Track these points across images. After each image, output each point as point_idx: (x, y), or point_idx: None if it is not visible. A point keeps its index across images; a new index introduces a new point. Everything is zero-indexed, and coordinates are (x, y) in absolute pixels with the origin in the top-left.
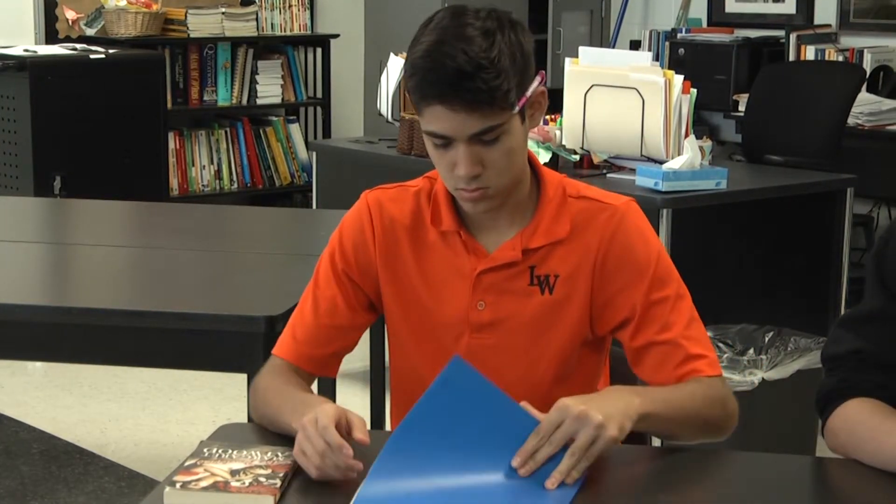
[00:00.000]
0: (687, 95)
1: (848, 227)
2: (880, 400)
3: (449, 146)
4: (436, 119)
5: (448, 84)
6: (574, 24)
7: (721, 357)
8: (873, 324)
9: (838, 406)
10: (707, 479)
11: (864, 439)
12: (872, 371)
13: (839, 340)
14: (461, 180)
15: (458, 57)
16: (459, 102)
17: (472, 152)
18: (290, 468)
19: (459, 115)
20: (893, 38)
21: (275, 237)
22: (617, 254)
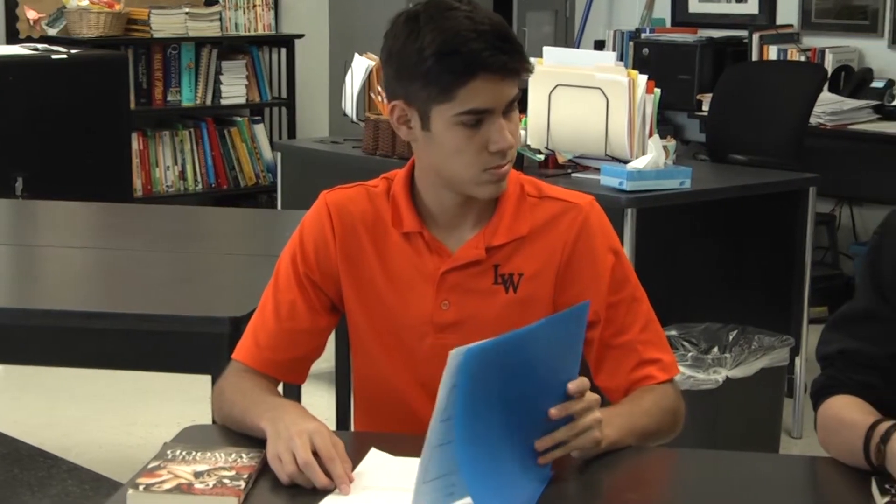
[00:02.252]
0: (651, 95)
1: (810, 226)
2: (865, 399)
3: (480, 124)
4: (475, 94)
5: (495, 48)
6: (538, 23)
7: (686, 356)
8: (862, 324)
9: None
10: (673, 477)
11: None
12: (858, 370)
13: (829, 340)
14: (497, 156)
15: (486, 23)
16: (504, 68)
17: (506, 123)
18: (255, 470)
19: (499, 83)
20: (855, 39)
21: (239, 238)
22: (581, 253)
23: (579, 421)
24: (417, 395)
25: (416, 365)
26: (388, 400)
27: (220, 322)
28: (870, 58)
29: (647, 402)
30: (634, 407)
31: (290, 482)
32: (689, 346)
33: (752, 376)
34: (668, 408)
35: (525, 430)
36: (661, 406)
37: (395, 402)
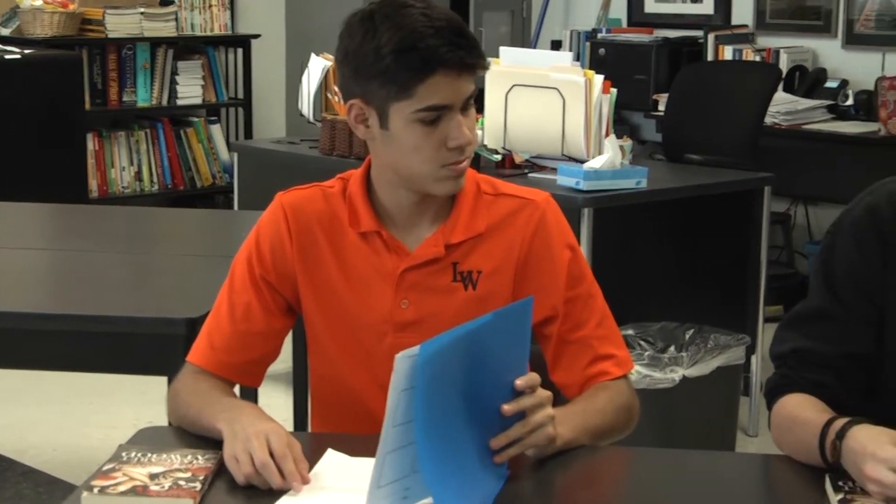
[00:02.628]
0: (607, 95)
1: (766, 225)
2: (819, 398)
3: (439, 121)
4: (434, 90)
5: (451, 44)
6: (495, 24)
7: (642, 355)
8: (815, 323)
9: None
10: (628, 476)
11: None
12: (812, 369)
13: (783, 339)
14: (456, 152)
15: (442, 20)
16: (461, 65)
17: (464, 120)
18: (211, 471)
19: (457, 79)
20: (809, 39)
21: (195, 239)
22: (539, 249)
23: (532, 417)
24: (375, 395)
25: (375, 365)
26: (345, 401)
27: (175, 323)
28: (824, 58)
29: (601, 401)
30: (588, 405)
31: (247, 483)
32: (646, 346)
33: (708, 375)
34: (622, 405)
35: (481, 429)
36: (616, 404)
37: (353, 403)
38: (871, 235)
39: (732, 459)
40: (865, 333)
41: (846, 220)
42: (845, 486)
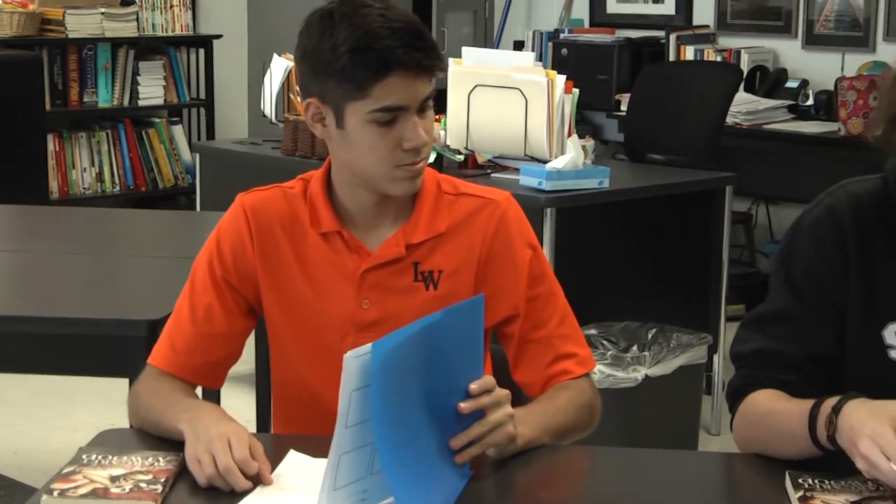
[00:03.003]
0: (569, 95)
1: (727, 224)
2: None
3: (394, 122)
4: (389, 91)
5: (408, 45)
6: (458, 24)
7: (605, 354)
8: (777, 324)
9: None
10: (590, 476)
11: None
12: (775, 369)
13: (745, 340)
14: (411, 153)
15: (401, 21)
16: (418, 67)
17: (420, 121)
18: (172, 473)
19: (413, 81)
20: (770, 39)
21: (157, 240)
22: (500, 249)
23: (490, 416)
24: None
25: (337, 365)
26: (307, 401)
27: (137, 325)
28: (784, 58)
29: (562, 400)
30: (549, 405)
31: (209, 485)
32: (609, 345)
33: (670, 374)
34: (584, 404)
35: (440, 429)
36: (577, 402)
37: (315, 404)
38: (831, 236)
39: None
40: (827, 334)
41: (806, 221)
42: (805, 483)
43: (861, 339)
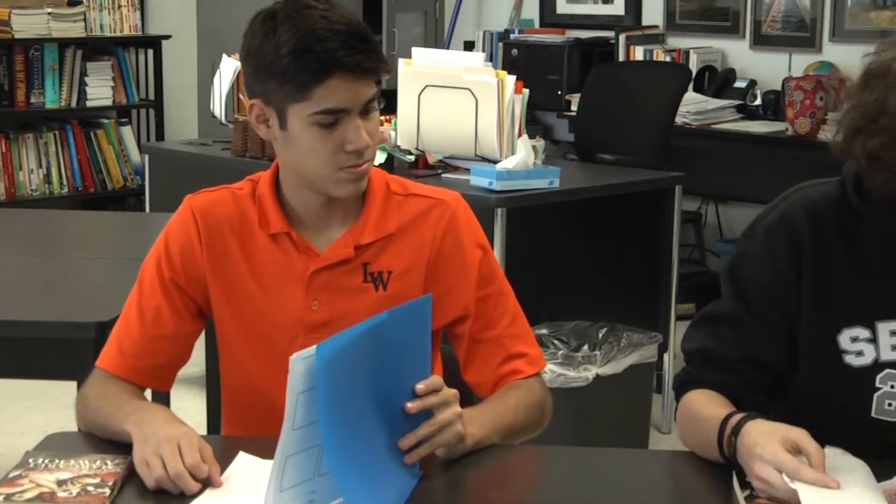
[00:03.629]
0: (520, 95)
1: (677, 223)
2: (721, 394)
3: (336, 124)
4: (331, 93)
5: (350, 48)
6: (408, 25)
7: (556, 354)
8: (723, 326)
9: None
10: (541, 475)
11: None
12: (715, 370)
13: (691, 338)
14: (354, 156)
15: (341, 23)
16: (359, 69)
17: (363, 123)
18: (120, 476)
19: (355, 83)
20: (718, 39)
21: (106, 242)
22: (449, 250)
23: (439, 416)
24: None
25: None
26: (257, 403)
27: (85, 327)
28: (732, 58)
29: (512, 400)
30: (499, 405)
31: (157, 487)
32: (560, 344)
33: (621, 373)
34: (534, 403)
35: (389, 429)
36: (528, 402)
37: (265, 405)
38: (785, 245)
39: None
40: (772, 341)
41: (760, 228)
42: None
43: (816, 345)
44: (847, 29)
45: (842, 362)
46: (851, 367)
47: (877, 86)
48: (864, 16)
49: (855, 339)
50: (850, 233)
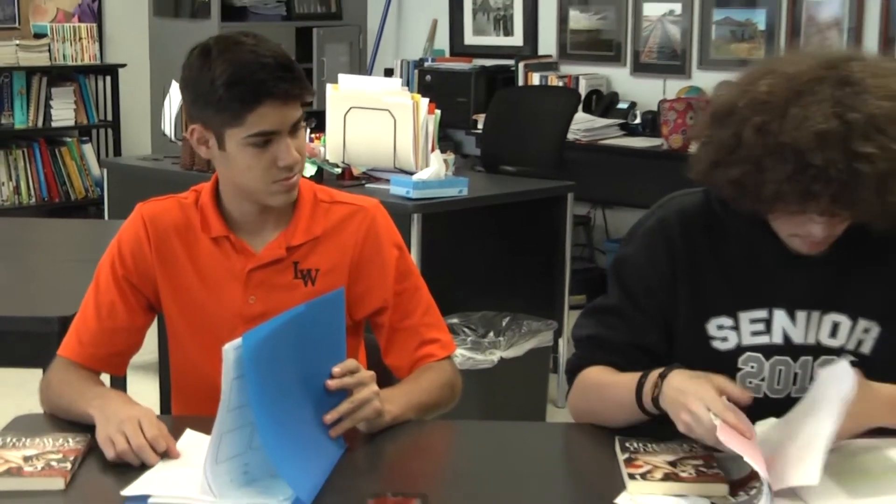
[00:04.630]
0: (432, 115)
1: (569, 226)
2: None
3: (269, 144)
4: (262, 118)
5: (277, 79)
6: (336, 54)
7: (465, 340)
8: (610, 316)
9: (578, 376)
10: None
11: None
12: (604, 353)
13: (583, 326)
14: (284, 171)
15: (269, 56)
16: (287, 96)
17: (292, 141)
18: (81, 452)
19: (284, 108)
20: (603, 67)
21: (69, 246)
22: (370, 250)
23: (357, 394)
24: None
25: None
26: (202, 387)
27: (49, 321)
28: (616, 83)
29: (426, 380)
30: (414, 385)
31: (119, 460)
32: (469, 332)
33: (522, 356)
34: (445, 382)
35: (315, 408)
36: (440, 382)
37: (209, 388)
38: (661, 248)
39: (543, 428)
40: (652, 329)
41: (639, 232)
42: (630, 447)
43: (688, 332)
44: (712, 58)
45: (710, 346)
46: (718, 350)
47: (728, 123)
48: (725, 47)
49: (721, 326)
50: (716, 236)
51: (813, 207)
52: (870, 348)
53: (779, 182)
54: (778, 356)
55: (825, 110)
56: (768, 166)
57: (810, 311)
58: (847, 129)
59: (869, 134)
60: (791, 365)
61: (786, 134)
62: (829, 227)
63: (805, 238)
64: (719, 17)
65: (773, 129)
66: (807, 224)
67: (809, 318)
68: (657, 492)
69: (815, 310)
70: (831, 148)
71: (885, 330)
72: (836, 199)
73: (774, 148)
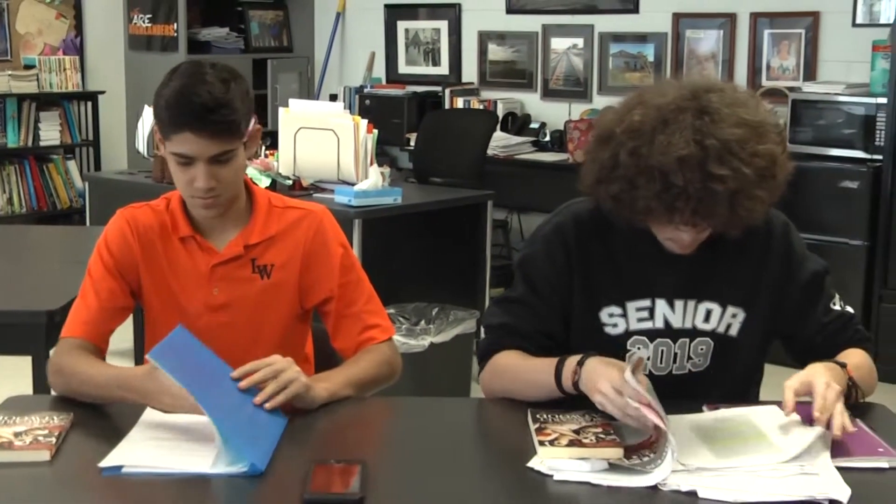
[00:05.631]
0: (371, 134)
1: (489, 229)
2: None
3: (190, 165)
4: (183, 143)
5: (197, 117)
6: (287, 82)
7: (401, 328)
8: (518, 306)
9: (489, 360)
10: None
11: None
12: (514, 338)
13: (494, 315)
14: (198, 191)
15: (204, 96)
16: (205, 132)
17: (209, 170)
18: (65, 429)
19: (203, 141)
20: (518, 92)
21: (55, 248)
22: (317, 248)
23: (281, 377)
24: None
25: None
26: None
27: (38, 314)
28: (528, 106)
29: (364, 360)
30: (352, 364)
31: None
32: (403, 321)
33: (449, 341)
34: (383, 361)
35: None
36: (377, 361)
37: None
38: (559, 249)
39: (467, 403)
40: (553, 317)
41: (539, 235)
42: (541, 417)
43: (583, 320)
44: (610, 85)
45: (602, 332)
46: (609, 335)
47: (607, 146)
48: (621, 76)
49: (611, 314)
50: (605, 237)
51: (678, 220)
52: (736, 331)
53: (648, 199)
54: (660, 339)
55: (686, 137)
56: (640, 184)
57: (686, 300)
58: (704, 153)
59: (723, 158)
60: (671, 346)
61: (653, 158)
62: (693, 234)
63: (676, 242)
64: (615, 50)
65: (643, 153)
66: (676, 231)
67: (686, 306)
68: (563, 456)
69: (690, 299)
70: (690, 170)
71: (749, 314)
72: (696, 212)
73: (644, 169)
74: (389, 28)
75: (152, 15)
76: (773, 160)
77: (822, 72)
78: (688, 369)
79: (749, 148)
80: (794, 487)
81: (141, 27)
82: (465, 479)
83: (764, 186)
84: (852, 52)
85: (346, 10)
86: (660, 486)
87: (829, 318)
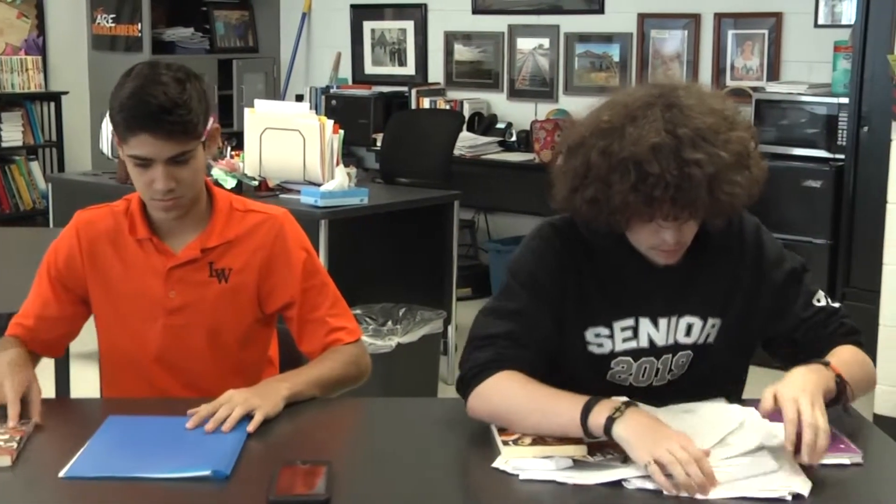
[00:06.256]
0: (337, 135)
1: (456, 229)
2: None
3: (149, 167)
4: (140, 145)
5: (152, 118)
6: (253, 82)
7: (367, 328)
8: (518, 316)
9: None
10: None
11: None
12: (518, 347)
13: (489, 325)
14: (158, 193)
15: (160, 97)
16: (161, 133)
17: (168, 171)
18: (26, 433)
19: (160, 142)
20: (484, 93)
21: (17, 250)
22: (278, 252)
23: (228, 404)
24: (152, 366)
25: (150, 341)
26: (128, 371)
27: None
28: (495, 106)
29: (328, 360)
30: (317, 364)
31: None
32: (370, 321)
33: (416, 341)
34: (348, 361)
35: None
36: (343, 361)
37: (134, 372)
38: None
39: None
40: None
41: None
42: None
43: (570, 338)
44: (576, 85)
45: (586, 350)
46: (593, 354)
47: (578, 153)
48: (587, 76)
49: (598, 335)
50: (593, 258)
51: (658, 213)
52: (713, 338)
53: (625, 193)
54: (644, 357)
55: (657, 127)
56: (615, 181)
57: (669, 316)
58: (677, 141)
59: (696, 143)
60: (654, 362)
61: (625, 150)
62: (677, 232)
63: (661, 248)
64: (581, 50)
65: (614, 149)
66: (659, 232)
67: (669, 322)
68: (528, 455)
69: (672, 315)
70: (665, 157)
71: (724, 321)
72: (676, 202)
73: (617, 164)
74: (355, 28)
75: (116, 15)
76: (746, 148)
77: (785, 72)
78: (667, 380)
79: (722, 135)
80: (756, 482)
81: (105, 27)
82: (431, 479)
83: (741, 172)
84: (815, 53)
85: (312, 10)
86: (625, 483)
87: (808, 312)
